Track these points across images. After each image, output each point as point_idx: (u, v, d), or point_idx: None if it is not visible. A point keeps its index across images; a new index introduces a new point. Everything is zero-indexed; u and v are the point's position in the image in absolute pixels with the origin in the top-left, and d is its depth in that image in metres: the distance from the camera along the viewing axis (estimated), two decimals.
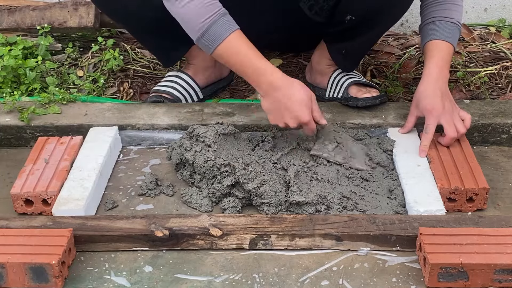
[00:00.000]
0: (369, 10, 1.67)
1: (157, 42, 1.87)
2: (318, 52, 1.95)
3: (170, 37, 1.79)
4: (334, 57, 1.87)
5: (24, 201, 1.51)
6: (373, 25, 1.74)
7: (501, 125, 1.76)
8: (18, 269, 1.27)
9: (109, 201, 1.54)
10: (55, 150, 1.65)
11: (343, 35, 1.79)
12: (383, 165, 1.62)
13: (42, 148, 1.66)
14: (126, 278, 1.33)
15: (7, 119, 1.80)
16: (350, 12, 1.70)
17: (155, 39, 1.86)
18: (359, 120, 1.77)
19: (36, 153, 1.64)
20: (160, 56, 1.95)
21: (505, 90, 2.07)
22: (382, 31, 1.90)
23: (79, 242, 1.38)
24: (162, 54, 1.93)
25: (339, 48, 1.84)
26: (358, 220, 1.40)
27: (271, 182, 1.49)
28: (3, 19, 2.21)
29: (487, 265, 1.26)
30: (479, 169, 1.56)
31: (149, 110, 1.83)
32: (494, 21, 2.44)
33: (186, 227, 1.39)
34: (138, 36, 1.94)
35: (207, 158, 1.52)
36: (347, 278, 1.32)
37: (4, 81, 1.98)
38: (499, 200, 1.56)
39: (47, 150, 1.65)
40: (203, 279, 1.32)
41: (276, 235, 1.38)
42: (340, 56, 1.87)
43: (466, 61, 2.23)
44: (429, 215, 1.42)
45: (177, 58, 1.94)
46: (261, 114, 1.81)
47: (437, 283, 1.28)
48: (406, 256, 1.37)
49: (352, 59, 1.91)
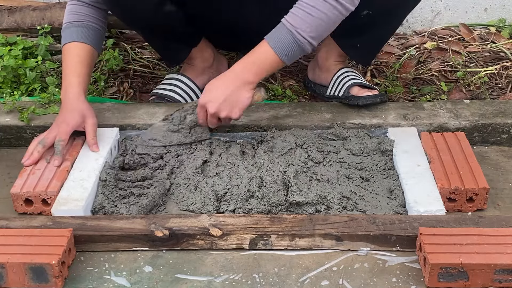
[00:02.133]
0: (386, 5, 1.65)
1: (164, 44, 1.89)
2: (325, 48, 1.93)
3: (176, 40, 1.84)
4: (348, 51, 1.86)
5: (24, 200, 1.51)
6: (390, 18, 1.72)
7: (501, 125, 1.76)
8: (18, 269, 1.27)
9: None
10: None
11: (358, 29, 1.75)
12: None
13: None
14: (126, 278, 1.33)
15: (7, 119, 1.80)
16: (368, 6, 1.66)
17: (162, 41, 1.88)
18: (359, 120, 1.77)
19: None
20: (166, 56, 1.98)
21: (505, 90, 2.08)
22: (399, 23, 1.85)
23: (79, 242, 1.38)
24: (168, 55, 1.95)
25: (353, 42, 1.82)
26: (358, 220, 1.40)
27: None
28: (3, 19, 2.21)
29: (487, 265, 1.26)
30: (479, 169, 1.56)
31: (149, 110, 1.84)
32: (494, 21, 2.44)
33: (186, 227, 1.39)
34: (145, 38, 1.97)
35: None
36: (347, 278, 1.32)
37: (4, 81, 1.98)
38: (499, 200, 1.56)
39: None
40: (203, 279, 1.33)
41: (276, 235, 1.38)
42: (355, 50, 1.85)
43: (466, 61, 2.23)
44: (429, 215, 1.42)
45: (181, 59, 1.95)
46: (261, 114, 1.81)
47: (437, 283, 1.28)
48: (406, 256, 1.37)
49: (369, 52, 1.88)
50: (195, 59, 1.95)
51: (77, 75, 1.68)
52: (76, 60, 1.69)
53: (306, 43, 1.51)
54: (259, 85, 1.63)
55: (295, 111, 1.83)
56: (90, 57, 1.72)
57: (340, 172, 1.60)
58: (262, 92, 1.65)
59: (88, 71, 1.72)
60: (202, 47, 1.93)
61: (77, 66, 1.69)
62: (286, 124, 1.76)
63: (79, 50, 1.71)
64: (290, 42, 1.51)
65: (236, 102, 1.57)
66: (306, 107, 1.85)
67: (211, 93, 1.58)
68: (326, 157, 1.66)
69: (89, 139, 1.65)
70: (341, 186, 1.56)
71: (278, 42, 1.52)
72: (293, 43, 1.51)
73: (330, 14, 1.49)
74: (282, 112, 1.82)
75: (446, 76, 2.15)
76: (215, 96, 1.57)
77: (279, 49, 1.52)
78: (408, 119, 1.77)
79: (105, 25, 1.79)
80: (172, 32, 1.80)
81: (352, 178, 1.59)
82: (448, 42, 2.33)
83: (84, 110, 1.66)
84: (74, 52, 1.70)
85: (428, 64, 2.22)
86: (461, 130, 1.74)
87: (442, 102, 1.86)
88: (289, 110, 1.83)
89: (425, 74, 2.16)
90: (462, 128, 1.75)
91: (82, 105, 1.66)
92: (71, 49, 1.71)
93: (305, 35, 1.50)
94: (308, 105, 1.88)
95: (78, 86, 1.67)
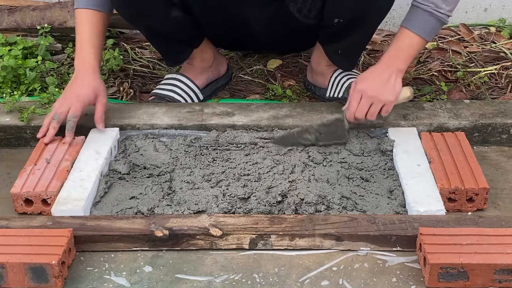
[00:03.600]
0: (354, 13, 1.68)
1: (166, 45, 1.90)
2: (316, 53, 1.96)
3: (178, 41, 1.86)
4: (331, 57, 1.88)
5: (24, 200, 1.51)
6: (362, 24, 1.74)
7: (501, 125, 1.76)
8: (18, 269, 1.27)
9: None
10: (56, 150, 1.65)
11: (336, 35, 1.79)
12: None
13: (44, 147, 1.66)
14: (126, 278, 1.33)
15: (7, 119, 1.80)
16: (336, 15, 1.71)
17: (165, 42, 1.89)
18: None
19: (38, 153, 1.64)
20: (167, 56, 1.98)
21: (505, 90, 2.08)
22: (373, 28, 1.88)
23: (79, 242, 1.38)
24: (169, 55, 1.96)
25: (334, 48, 1.85)
26: (358, 220, 1.40)
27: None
28: (3, 19, 2.21)
29: (487, 265, 1.26)
30: (479, 169, 1.56)
31: (149, 110, 1.84)
32: (494, 21, 2.44)
33: (186, 227, 1.39)
34: (148, 38, 1.98)
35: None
36: (347, 278, 1.32)
37: (4, 81, 1.99)
38: (499, 200, 1.56)
39: (48, 150, 1.65)
40: (203, 279, 1.33)
41: (276, 235, 1.39)
42: (337, 56, 1.87)
43: (466, 61, 2.23)
44: (429, 215, 1.42)
45: (182, 60, 1.96)
46: (261, 114, 1.81)
47: (437, 283, 1.28)
48: (406, 256, 1.37)
49: (350, 58, 1.91)
50: (195, 59, 1.95)
51: (93, 46, 1.72)
52: (93, 30, 1.72)
53: (446, 17, 1.64)
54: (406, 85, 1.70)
55: (295, 111, 1.83)
56: (104, 25, 1.76)
57: (340, 172, 1.60)
58: (410, 90, 1.72)
59: (102, 41, 1.77)
60: (202, 47, 1.93)
61: (93, 37, 1.72)
62: (286, 124, 1.77)
63: (94, 18, 1.73)
64: (433, 22, 1.63)
65: (391, 88, 1.64)
66: (306, 107, 1.86)
67: (367, 80, 1.66)
68: (326, 158, 1.66)
69: (97, 117, 1.70)
70: (341, 186, 1.56)
71: (421, 26, 1.62)
72: (435, 22, 1.63)
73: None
74: (282, 112, 1.83)
75: (446, 76, 2.15)
76: (371, 82, 1.64)
77: (423, 31, 1.63)
78: (408, 119, 1.77)
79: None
80: (176, 34, 1.82)
81: (352, 178, 1.59)
82: (448, 42, 2.33)
83: (98, 87, 1.71)
84: (89, 20, 1.72)
85: (428, 64, 2.22)
86: (461, 130, 1.74)
87: (442, 102, 1.87)
88: (289, 110, 1.83)
89: (425, 74, 2.16)
90: (462, 128, 1.75)
91: (97, 81, 1.71)
92: (86, 16, 1.73)
93: (444, 10, 1.62)
94: (308, 105, 1.88)
95: (94, 60, 1.72)
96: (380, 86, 1.64)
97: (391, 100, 1.65)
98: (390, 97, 1.64)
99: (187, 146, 1.70)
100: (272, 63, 2.23)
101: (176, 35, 1.83)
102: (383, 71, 1.65)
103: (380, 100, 1.63)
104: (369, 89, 1.64)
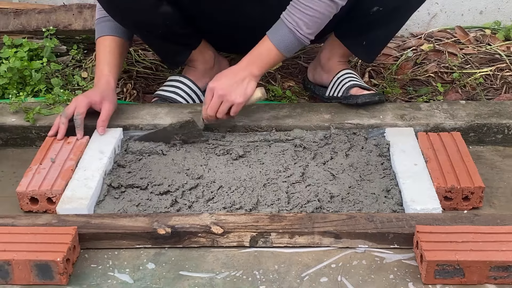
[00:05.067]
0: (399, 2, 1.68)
1: (163, 46, 1.91)
2: (328, 48, 1.95)
3: (174, 42, 1.86)
4: (353, 48, 1.88)
5: (30, 199, 1.53)
6: (400, 15, 1.75)
7: (496, 125, 1.78)
8: (24, 266, 1.29)
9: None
10: (61, 149, 1.67)
11: (366, 27, 1.79)
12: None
13: (49, 147, 1.68)
14: (129, 275, 1.34)
15: (13, 119, 1.82)
16: (378, 3, 1.71)
17: (161, 44, 1.89)
18: (357, 120, 1.79)
19: (43, 152, 1.65)
20: (166, 58, 2.00)
21: (500, 91, 2.09)
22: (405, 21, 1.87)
23: (84, 240, 1.39)
24: (167, 57, 1.97)
25: (359, 40, 1.85)
26: (356, 218, 1.41)
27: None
28: (9, 22, 2.22)
29: (482, 262, 1.27)
30: (474, 168, 1.57)
31: (151, 110, 1.86)
32: (489, 23, 2.45)
33: (188, 225, 1.40)
34: (145, 40, 1.99)
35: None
36: (345, 275, 1.33)
37: (10, 82, 2.00)
38: (494, 199, 1.57)
39: (54, 149, 1.67)
40: (205, 275, 1.34)
41: (276, 233, 1.40)
42: (360, 48, 1.88)
43: (462, 62, 2.24)
44: (426, 214, 1.43)
45: (181, 61, 1.97)
46: (261, 114, 1.83)
47: (434, 279, 1.29)
48: (403, 254, 1.38)
49: (374, 49, 1.91)
50: (196, 61, 1.96)
51: (107, 63, 1.80)
52: (107, 51, 1.82)
53: (305, 39, 1.66)
54: (259, 85, 1.70)
55: (295, 111, 1.84)
56: (120, 48, 1.84)
57: (338, 172, 1.62)
58: (262, 91, 1.72)
59: (118, 61, 1.84)
60: (202, 49, 1.94)
61: (107, 56, 1.81)
62: (286, 125, 1.78)
63: (109, 42, 1.83)
64: (291, 39, 1.65)
65: (242, 89, 1.67)
66: (306, 107, 1.87)
67: (220, 79, 1.69)
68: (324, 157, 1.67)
69: (99, 120, 1.73)
70: (339, 185, 1.57)
71: (280, 40, 1.65)
72: (294, 40, 1.65)
73: (325, 11, 1.63)
74: (282, 112, 1.84)
75: (443, 77, 2.17)
76: (224, 81, 1.68)
77: (280, 45, 1.66)
78: (405, 120, 1.79)
79: None
80: (170, 34, 1.81)
81: (350, 177, 1.60)
82: (444, 44, 2.34)
83: (107, 94, 1.75)
84: (105, 44, 1.83)
85: (425, 65, 2.23)
86: (457, 130, 1.75)
87: (438, 103, 1.88)
88: (289, 111, 1.85)
89: (422, 75, 2.18)
90: (458, 128, 1.77)
91: (108, 88, 1.76)
92: (103, 42, 1.83)
93: (304, 32, 1.64)
94: (308, 105, 1.89)
95: (108, 73, 1.78)
96: (232, 86, 1.66)
97: (240, 102, 1.67)
98: (239, 99, 1.66)
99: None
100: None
101: (170, 34, 1.82)
102: (238, 72, 1.68)
103: (228, 100, 1.66)
104: (220, 88, 1.67)
